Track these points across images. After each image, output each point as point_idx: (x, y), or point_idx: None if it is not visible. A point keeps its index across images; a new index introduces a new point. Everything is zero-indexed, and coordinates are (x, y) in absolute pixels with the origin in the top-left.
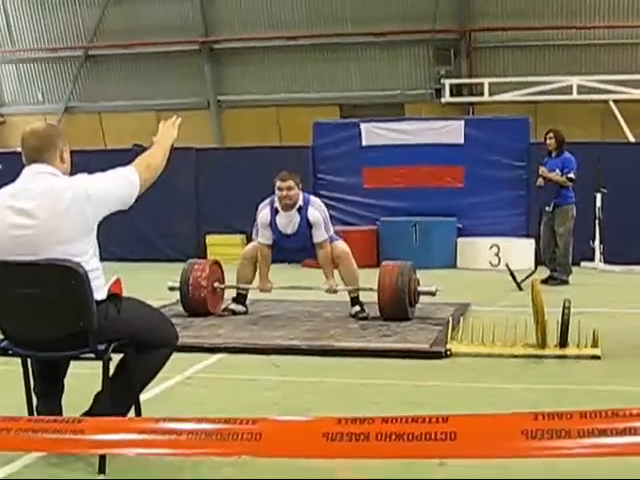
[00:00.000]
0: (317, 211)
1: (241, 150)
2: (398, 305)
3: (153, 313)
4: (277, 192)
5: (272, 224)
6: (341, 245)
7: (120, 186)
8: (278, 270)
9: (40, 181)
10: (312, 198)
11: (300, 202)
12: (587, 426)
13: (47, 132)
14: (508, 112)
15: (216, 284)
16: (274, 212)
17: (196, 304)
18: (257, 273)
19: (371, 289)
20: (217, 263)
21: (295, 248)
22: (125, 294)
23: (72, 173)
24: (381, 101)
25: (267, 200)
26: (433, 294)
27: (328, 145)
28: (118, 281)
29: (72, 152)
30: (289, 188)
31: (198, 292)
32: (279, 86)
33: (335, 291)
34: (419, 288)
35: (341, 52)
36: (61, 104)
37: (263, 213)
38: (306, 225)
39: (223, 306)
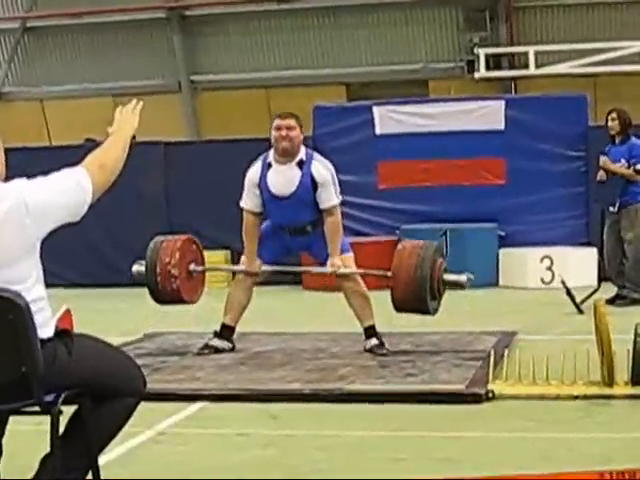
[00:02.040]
0: (324, 168)
1: (222, 143)
2: (417, 299)
3: (113, 353)
4: (274, 133)
5: (261, 182)
6: (347, 261)
7: (68, 192)
8: (275, 293)
9: None
10: (317, 154)
11: (302, 155)
12: None
13: None
14: (560, 88)
15: (192, 266)
16: (266, 167)
17: (167, 296)
18: (248, 295)
19: (384, 275)
20: (191, 239)
21: (288, 221)
22: (77, 329)
23: (7, 178)
24: (399, 78)
25: (261, 157)
26: (463, 286)
27: (332, 135)
28: (67, 313)
29: (7, 150)
30: (289, 127)
31: (169, 283)
32: (269, 62)
33: (338, 275)
34: (445, 277)
35: (347, 17)
36: None
37: (252, 170)
38: (309, 184)
39: (202, 342)
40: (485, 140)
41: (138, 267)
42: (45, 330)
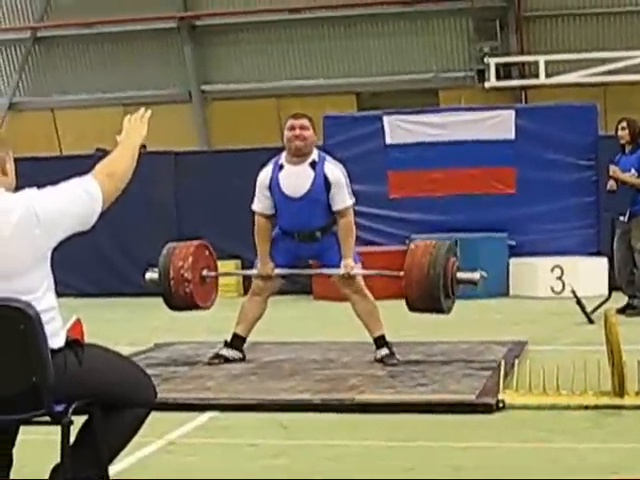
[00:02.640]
0: (338, 169)
1: (232, 153)
2: (430, 298)
3: (124, 363)
4: (287, 133)
5: (272, 184)
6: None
7: (78, 202)
8: (285, 302)
9: None
10: (329, 157)
11: (314, 156)
12: None
13: None
14: (570, 98)
15: (205, 272)
16: (278, 169)
17: (181, 301)
18: (262, 308)
19: (397, 276)
20: (204, 245)
21: (298, 225)
22: (87, 339)
23: (18, 187)
24: (409, 87)
25: (272, 159)
26: (475, 283)
27: (342, 144)
28: (78, 323)
29: (18, 160)
30: (302, 127)
31: (182, 288)
32: (279, 71)
33: (352, 276)
34: (459, 275)
35: (358, 26)
36: (4, 100)
37: (263, 172)
38: (322, 184)
39: (213, 351)
40: (495, 149)
41: (151, 275)
42: (56, 340)
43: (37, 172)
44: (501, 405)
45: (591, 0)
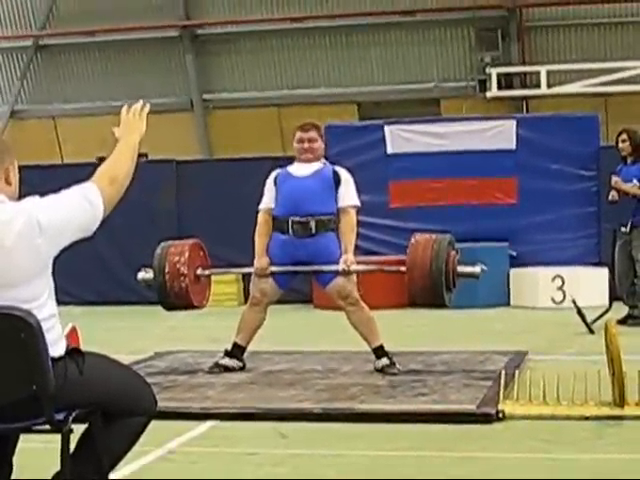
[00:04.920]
0: (347, 173)
1: (234, 162)
2: (432, 293)
3: (124, 372)
4: (296, 145)
5: (280, 177)
6: (348, 285)
7: (80, 209)
8: (286, 311)
9: None
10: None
11: (323, 163)
12: None
13: None
14: (571, 108)
15: (199, 270)
16: (285, 171)
17: (176, 297)
18: (261, 317)
19: (398, 271)
20: (198, 244)
21: (294, 208)
22: (87, 347)
23: (20, 196)
24: (410, 97)
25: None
26: (477, 277)
27: (344, 154)
28: (73, 331)
29: (20, 168)
30: (311, 140)
31: (178, 282)
32: (281, 81)
33: (350, 272)
34: (459, 269)
35: (359, 36)
36: (5, 107)
37: (271, 176)
38: (331, 174)
39: (213, 360)
40: (496, 159)
41: (143, 274)
42: (56, 348)
43: (39, 180)
44: (501, 415)
45: (593, 10)
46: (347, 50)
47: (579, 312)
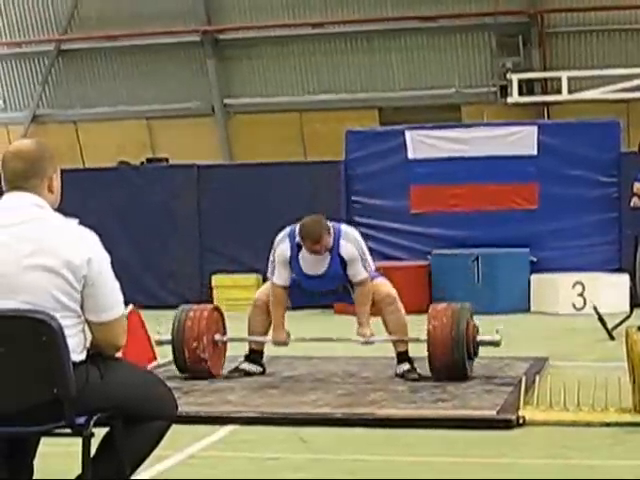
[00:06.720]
0: (352, 245)
1: (255, 167)
2: (454, 362)
3: (145, 376)
4: (305, 246)
5: (292, 262)
6: (384, 286)
7: (117, 290)
8: (305, 318)
9: (22, 212)
10: (344, 228)
11: (330, 241)
12: None
13: (35, 155)
14: (593, 114)
15: (217, 336)
16: (296, 248)
17: (194, 365)
18: (267, 319)
19: (417, 339)
20: (216, 309)
21: (322, 292)
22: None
23: None
24: (431, 103)
25: (286, 231)
26: (497, 344)
27: (365, 159)
28: (134, 311)
29: None
30: (322, 243)
31: (198, 365)
32: (302, 86)
33: (371, 342)
34: (479, 337)
35: (380, 41)
36: (27, 112)
37: (281, 248)
38: (338, 264)
39: (233, 365)
40: (518, 165)
41: (161, 336)
42: (78, 355)
43: (60, 184)
44: (522, 421)
45: (614, 16)
46: (368, 55)
47: (600, 318)
